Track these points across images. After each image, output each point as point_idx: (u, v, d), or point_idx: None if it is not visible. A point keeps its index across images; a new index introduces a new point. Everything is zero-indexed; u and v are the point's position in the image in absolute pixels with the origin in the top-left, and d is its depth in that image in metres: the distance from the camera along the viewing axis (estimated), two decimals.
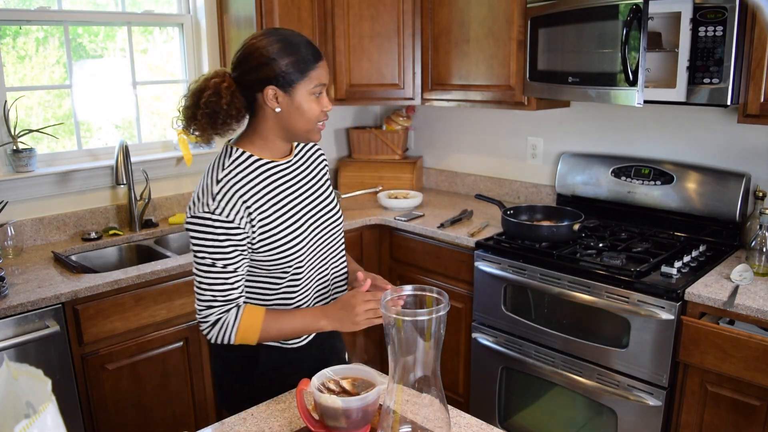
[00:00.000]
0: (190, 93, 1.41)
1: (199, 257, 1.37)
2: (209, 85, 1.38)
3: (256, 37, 1.41)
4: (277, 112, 1.40)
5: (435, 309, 1.04)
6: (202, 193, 1.37)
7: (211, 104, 1.37)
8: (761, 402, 1.85)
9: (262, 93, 1.39)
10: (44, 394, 0.68)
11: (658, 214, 2.57)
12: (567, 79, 2.37)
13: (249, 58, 1.39)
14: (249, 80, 1.39)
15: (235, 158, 1.42)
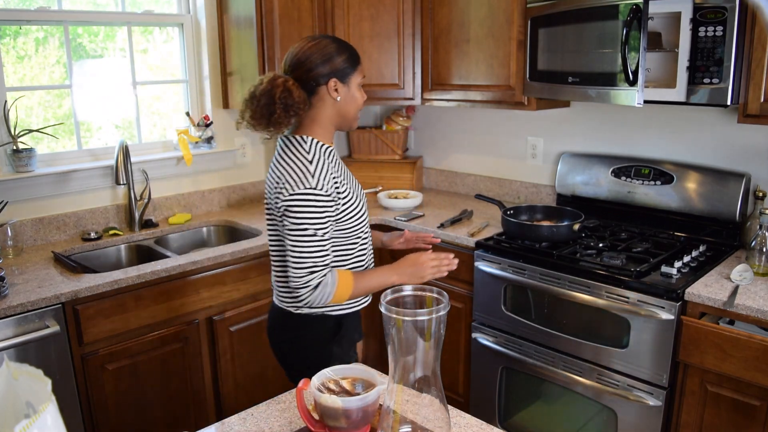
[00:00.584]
0: (262, 93, 1.60)
1: (301, 229, 1.57)
2: (278, 84, 1.60)
3: (311, 41, 1.66)
4: (338, 101, 1.67)
5: (435, 309, 1.04)
6: (296, 174, 1.58)
7: (284, 99, 1.59)
8: (761, 402, 1.85)
9: (325, 85, 1.64)
10: (44, 394, 0.68)
11: (658, 214, 2.57)
12: (567, 79, 2.37)
13: (312, 57, 1.63)
14: (313, 76, 1.63)
15: (312, 144, 1.65)
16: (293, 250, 1.59)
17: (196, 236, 2.87)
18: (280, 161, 1.65)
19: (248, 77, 2.85)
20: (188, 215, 2.89)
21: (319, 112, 1.67)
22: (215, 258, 2.38)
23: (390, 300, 1.11)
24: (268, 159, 3.27)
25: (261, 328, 2.58)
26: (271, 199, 1.67)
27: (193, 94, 3.02)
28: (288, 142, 1.67)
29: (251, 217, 2.95)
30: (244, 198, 3.19)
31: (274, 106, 1.59)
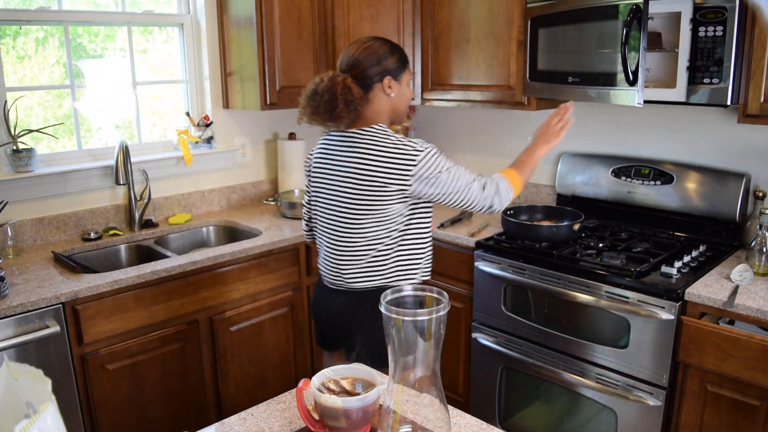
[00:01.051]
0: (324, 90, 1.75)
1: (449, 165, 1.79)
2: (338, 81, 1.75)
3: (366, 43, 1.82)
4: (392, 97, 1.84)
5: (435, 309, 1.04)
6: (404, 145, 1.75)
7: (345, 95, 1.74)
8: (761, 402, 1.85)
9: (380, 83, 1.81)
10: (44, 394, 0.68)
11: (658, 214, 2.57)
12: (567, 79, 2.37)
13: (368, 58, 1.79)
14: (369, 74, 1.79)
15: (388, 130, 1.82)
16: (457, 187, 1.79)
17: (196, 236, 2.87)
18: (373, 150, 1.77)
19: (248, 77, 2.85)
20: (188, 215, 2.89)
21: (375, 107, 1.83)
22: (215, 258, 2.38)
23: (390, 300, 1.11)
24: (268, 159, 3.27)
25: (261, 328, 2.59)
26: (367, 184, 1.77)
27: (193, 94, 3.02)
28: (367, 132, 1.80)
29: (251, 217, 2.95)
30: (244, 198, 3.19)
31: (336, 102, 1.74)
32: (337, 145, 1.86)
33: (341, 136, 1.85)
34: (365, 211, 1.79)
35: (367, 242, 1.82)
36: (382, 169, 1.75)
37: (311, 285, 2.74)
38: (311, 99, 1.79)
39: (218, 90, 3.02)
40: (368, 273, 1.85)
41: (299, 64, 2.90)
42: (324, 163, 1.89)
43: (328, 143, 1.90)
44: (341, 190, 1.82)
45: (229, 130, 3.09)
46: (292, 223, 2.82)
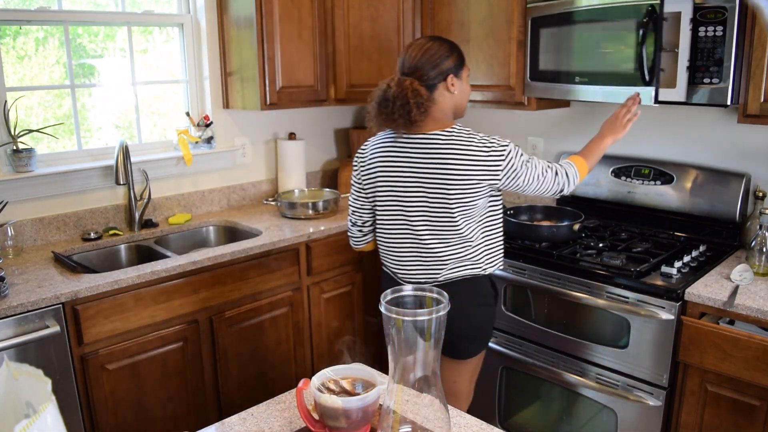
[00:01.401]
0: (395, 96, 1.81)
1: (527, 157, 1.89)
2: (406, 86, 1.82)
3: (425, 44, 1.88)
4: (455, 94, 1.91)
5: (435, 309, 1.04)
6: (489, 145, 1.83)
7: (415, 98, 1.80)
8: (761, 402, 1.85)
9: (444, 82, 1.87)
10: (44, 394, 0.68)
11: (658, 214, 2.57)
12: (574, 78, 2.36)
13: (430, 59, 1.86)
14: (433, 75, 1.86)
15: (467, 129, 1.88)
16: (536, 178, 1.89)
17: (196, 236, 2.87)
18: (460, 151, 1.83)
19: (248, 77, 2.85)
20: (188, 215, 2.89)
21: (441, 106, 1.90)
22: (215, 258, 2.38)
23: (390, 300, 1.11)
24: (268, 159, 3.27)
25: (261, 328, 2.58)
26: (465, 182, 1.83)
27: (193, 94, 3.02)
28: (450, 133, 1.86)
29: (251, 217, 2.95)
30: (244, 198, 3.19)
31: (409, 106, 1.79)
32: (413, 148, 1.88)
33: (417, 140, 1.88)
34: (458, 209, 1.87)
35: (461, 236, 1.90)
36: (474, 167, 1.83)
37: (311, 285, 2.74)
38: (383, 106, 1.84)
39: (218, 90, 3.02)
40: (462, 264, 1.93)
41: (299, 64, 2.90)
42: (398, 165, 1.91)
43: (398, 146, 1.91)
44: (430, 192, 1.87)
45: (229, 130, 3.09)
46: (292, 223, 2.82)
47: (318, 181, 3.49)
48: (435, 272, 1.94)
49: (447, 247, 1.91)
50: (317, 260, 2.73)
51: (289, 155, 3.20)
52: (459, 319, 1.92)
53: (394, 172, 1.92)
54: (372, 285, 2.99)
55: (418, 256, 1.95)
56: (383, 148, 1.95)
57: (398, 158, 1.91)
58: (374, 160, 1.97)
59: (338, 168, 3.47)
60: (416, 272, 1.97)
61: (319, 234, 2.71)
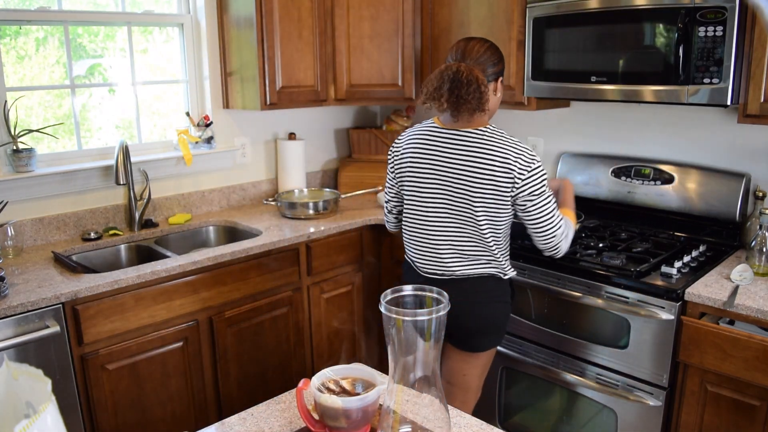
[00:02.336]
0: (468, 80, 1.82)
1: (547, 195, 1.88)
2: (476, 73, 1.84)
3: (486, 42, 1.93)
4: (497, 97, 1.98)
5: (435, 309, 1.04)
6: (526, 153, 1.85)
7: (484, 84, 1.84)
8: (761, 402, 1.85)
9: (495, 82, 1.95)
10: (44, 394, 0.68)
11: (658, 214, 2.57)
12: (589, 78, 2.34)
13: (492, 57, 1.91)
14: (491, 72, 1.92)
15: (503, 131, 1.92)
16: (548, 214, 1.87)
17: (196, 236, 2.87)
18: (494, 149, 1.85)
19: (248, 77, 2.85)
20: (188, 215, 2.89)
21: (488, 106, 1.90)
22: (215, 258, 2.38)
23: (390, 300, 1.11)
24: (268, 159, 3.27)
25: (261, 327, 2.59)
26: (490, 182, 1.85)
27: (193, 94, 3.02)
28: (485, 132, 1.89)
29: (251, 217, 2.95)
30: (244, 198, 3.19)
31: (480, 92, 1.82)
32: (450, 140, 1.91)
33: (454, 133, 1.91)
34: (480, 209, 1.88)
35: (481, 237, 1.91)
36: (499, 168, 1.84)
37: (311, 285, 2.74)
38: (456, 87, 1.82)
39: (218, 90, 3.02)
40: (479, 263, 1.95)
41: (299, 64, 2.90)
42: (431, 156, 1.94)
43: (434, 137, 1.95)
44: (457, 186, 1.90)
45: (229, 130, 3.09)
46: (292, 223, 2.82)
47: (318, 181, 3.49)
48: (450, 267, 1.97)
49: (464, 244, 1.94)
50: (317, 260, 2.73)
51: (289, 155, 3.20)
52: (474, 313, 1.96)
53: (423, 164, 1.96)
54: (372, 285, 2.99)
55: (433, 249, 1.98)
56: (418, 139, 1.99)
57: (430, 151, 1.95)
58: (407, 151, 2.01)
59: (338, 168, 3.47)
60: (432, 264, 2.00)
61: (319, 234, 2.71)
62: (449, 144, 1.91)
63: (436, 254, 1.98)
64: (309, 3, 2.88)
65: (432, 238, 1.97)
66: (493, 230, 1.92)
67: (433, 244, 1.98)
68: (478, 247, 1.94)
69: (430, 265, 2.00)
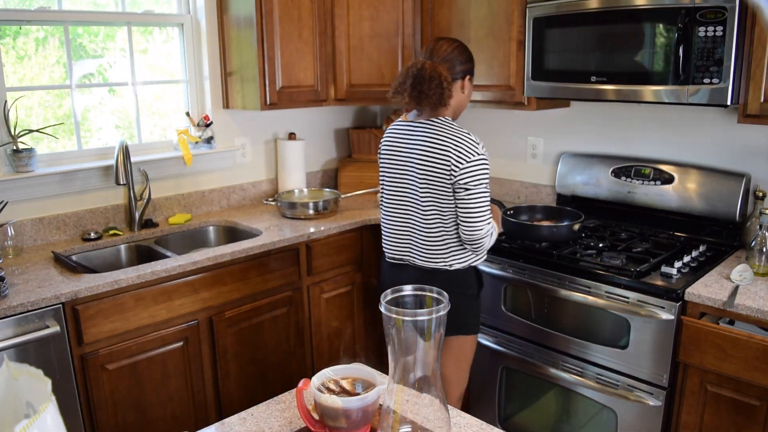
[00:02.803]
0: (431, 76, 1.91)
1: (482, 189, 1.93)
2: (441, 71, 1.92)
3: (455, 42, 2.03)
4: (463, 95, 2.06)
5: (435, 309, 1.04)
6: (468, 144, 1.92)
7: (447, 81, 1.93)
8: (761, 402, 1.85)
9: (462, 80, 2.03)
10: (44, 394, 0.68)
11: (658, 214, 2.57)
12: (589, 78, 2.34)
13: (460, 55, 2.01)
14: (458, 70, 2.00)
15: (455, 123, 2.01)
16: (478, 208, 1.93)
17: (196, 236, 2.87)
18: (436, 138, 1.95)
19: (248, 77, 2.85)
20: (188, 215, 2.89)
21: (451, 102, 1.99)
22: (215, 258, 2.38)
23: (390, 300, 1.11)
24: (268, 159, 3.27)
25: (261, 327, 2.58)
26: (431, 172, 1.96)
27: (193, 94, 3.02)
28: (435, 123, 1.99)
29: (251, 217, 2.95)
30: (244, 198, 3.19)
31: (442, 88, 1.92)
32: (407, 131, 2.06)
33: (410, 125, 2.05)
34: (428, 195, 1.99)
35: (429, 225, 2.02)
36: (445, 154, 1.93)
37: (311, 285, 2.74)
38: (418, 83, 1.92)
39: (218, 90, 3.02)
40: (428, 254, 2.04)
41: (299, 64, 2.90)
42: (393, 148, 2.09)
43: (397, 130, 2.11)
44: (409, 174, 2.03)
45: (229, 130, 3.09)
46: (292, 223, 2.82)
47: (318, 181, 3.49)
48: (405, 256, 2.10)
49: (415, 234, 2.06)
50: (317, 260, 2.73)
51: (289, 155, 3.20)
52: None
53: (391, 156, 2.11)
54: (372, 285, 2.99)
55: (398, 238, 2.12)
56: (389, 134, 2.14)
57: (395, 144, 2.09)
58: (382, 146, 2.16)
59: (338, 168, 3.47)
60: (393, 251, 2.14)
61: (319, 234, 2.71)
62: (408, 135, 2.05)
63: (395, 241, 2.12)
64: (309, 3, 2.88)
65: (394, 226, 2.11)
66: (441, 219, 2.00)
67: (394, 232, 2.12)
68: (428, 238, 2.03)
69: (392, 251, 2.14)
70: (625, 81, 2.25)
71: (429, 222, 2.02)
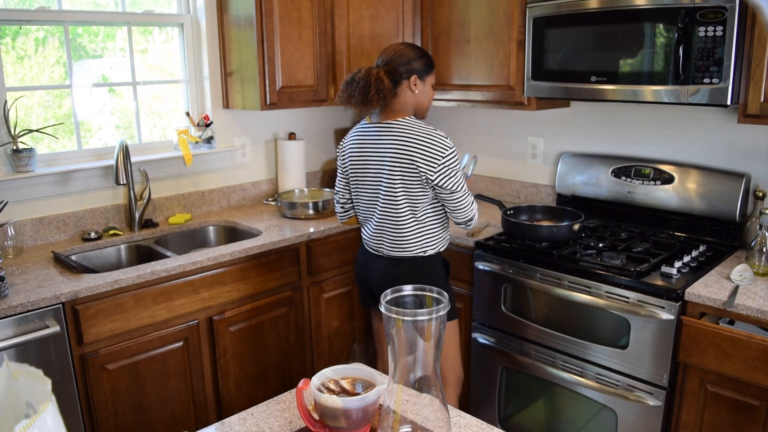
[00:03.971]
0: (360, 78, 2.05)
1: (459, 178, 2.07)
2: (373, 73, 2.06)
3: (399, 46, 2.14)
4: (416, 93, 2.13)
5: (435, 309, 1.04)
6: (436, 138, 2.04)
7: (377, 84, 2.05)
8: (761, 402, 1.85)
9: (408, 80, 2.10)
10: (44, 394, 0.68)
11: (658, 214, 2.57)
12: (589, 78, 2.34)
13: (400, 57, 2.10)
14: (399, 71, 2.09)
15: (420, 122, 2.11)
16: (462, 198, 2.09)
17: (196, 236, 2.87)
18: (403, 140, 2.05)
19: (248, 77, 2.85)
20: (188, 215, 2.89)
21: (401, 100, 2.12)
22: (215, 258, 2.38)
23: (390, 300, 1.11)
24: (268, 159, 3.27)
25: (261, 327, 2.59)
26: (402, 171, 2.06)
27: (193, 94, 3.02)
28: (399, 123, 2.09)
29: (251, 217, 2.95)
30: (244, 198, 3.19)
31: (369, 89, 2.04)
32: (374, 133, 2.14)
33: (377, 126, 2.13)
34: (401, 191, 2.08)
35: (401, 217, 2.11)
36: (417, 155, 2.03)
37: (311, 285, 2.74)
38: (348, 85, 2.09)
39: (218, 90, 3.02)
40: (399, 245, 2.15)
41: (299, 64, 2.90)
42: (362, 149, 2.17)
43: (364, 133, 2.18)
44: (382, 172, 2.11)
45: (229, 130, 3.09)
46: (292, 223, 2.82)
47: (318, 181, 3.49)
48: (382, 245, 2.19)
49: (390, 225, 2.15)
50: (317, 260, 2.73)
51: (289, 155, 3.20)
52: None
53: (360, 154, 2.18)
54: None
55: (373, 229, 2.21)
56: (354, 135, 2.23)
57: (363, 142, 2.17)
58: (347, 146, 2.25)
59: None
60: (372, 242, 2.23)
61: (319, 234, 2.71)
62: (377, 135, 2.13)
63: (372, 235, 2.21)
64: (309, 3, 2.88)
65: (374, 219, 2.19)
66: (413, 212, 2.11)
67: (375, 225, 2.20)
68: (401, 230, 2.13)
69: (374, 243, 2.23)
70: (625, 81, 2.25)
71: (402, 215, 2.11)
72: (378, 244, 2.20)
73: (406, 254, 2.16)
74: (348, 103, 2.11)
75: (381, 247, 2.20)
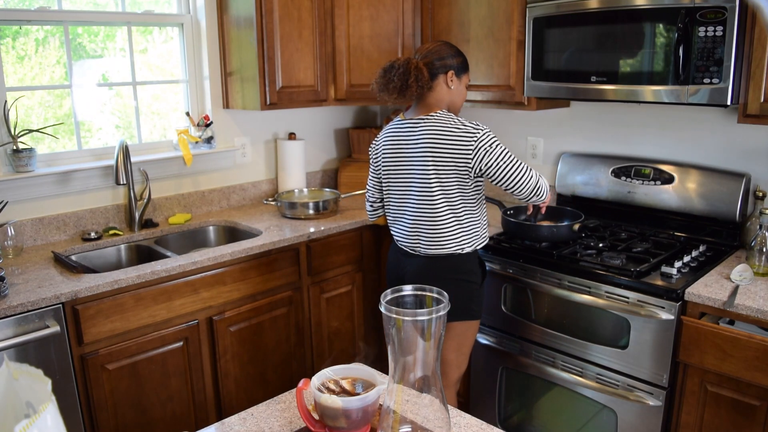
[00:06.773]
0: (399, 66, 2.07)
1: (505, 153, 2.06)
2: (413, 63, 2.08)
3: (439, 42, 2.18)
4: (451, 90, 2.15)
5: (435, 309, 1.04)
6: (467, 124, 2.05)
7: (416, 74, 2.07)
8: (761, 402, 1.85)
9: (445, 75, 2.12)
10: (44, 394, 0.68)
11: (658, 214, 2.57)
12: (589, 78, 2.34)
13: (440, 51, 2.13)
14: (438, 65, 2.11)
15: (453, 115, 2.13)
16: (518, 168, 2.07)
17: (196, 236, 2.87)
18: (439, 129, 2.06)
19: (248, 77, 2.85)
20: (188, 215, 2.89)
21: (436, 95, 2.14)
22: (215, 258, 2.38)
23: (390, 300, 1.11)
24: (268, 159, 3.27)
25: (261, 327, 2.59)
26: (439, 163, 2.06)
27: (193, 94, 3.02)
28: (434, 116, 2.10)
29: (251, 217, 2.95)
30: (244, 198, 3.19)
31: (409, 76, 2.06)
32: (408, 128, 2.14)
33: (410, 121, 2.14)
34: (435, 183, 2.08)
35: (439, 212, 2.10)
36: (449, 147, 2.04)
37: (311, 285, 2.74)
38: (387, 72, 2.10)
39: (218, 90, 3.02)
40: (435, 242, 2.13)
41: (299, 64, 2.90)
42: (395, 145, 2.17)
43: (397, 129, 2.18)
44: (415, 166, 2.11)
45: (229, 130, 3.09)
46: (292, 223, 2.82)
47: (318, 181, 3.49)
48: (416, 245, 2.17)
49: (423, 222, 2.13)
50: (317, 260, 2.73)
51: (289, 155, 3.20)
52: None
53: (394, 152, 2.18)
54: (372, 285, 2.99)
55: (404, 228, 2.20)
56: (388, 132, 2.22)
57: (397, 139, 2.17)
58: (380, 142, 2.25)
59: (338, 168, 3.47)
60: (406, 241, 2.21)
61: (319, 234, 2.71)
62: (411, 131, 2.13)
63: (407, 233, 2.19)
64: (309, 3, 2.88)
65: (409, 217, 2.17)
66: (450, 207, 2.09)
67: (404, 224, 2.19)
68: (438, 227, 2.11)
69: (403, 240, 2.22)
70: (625, 81, 2.25)
71: (438, 209, 2.10)
72: (414, 241, 2.17)
73: (443, 251, 2.13)
74: (385, 89, 2.11)
75: (417, 245, 2.17)
